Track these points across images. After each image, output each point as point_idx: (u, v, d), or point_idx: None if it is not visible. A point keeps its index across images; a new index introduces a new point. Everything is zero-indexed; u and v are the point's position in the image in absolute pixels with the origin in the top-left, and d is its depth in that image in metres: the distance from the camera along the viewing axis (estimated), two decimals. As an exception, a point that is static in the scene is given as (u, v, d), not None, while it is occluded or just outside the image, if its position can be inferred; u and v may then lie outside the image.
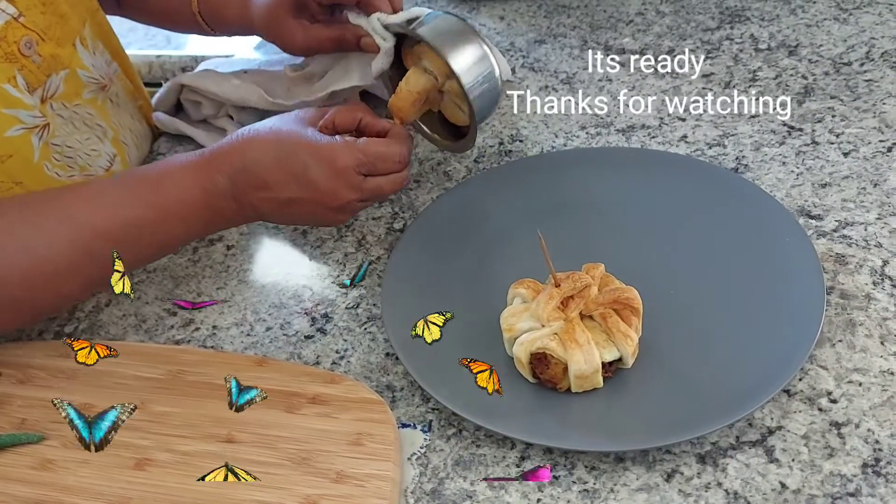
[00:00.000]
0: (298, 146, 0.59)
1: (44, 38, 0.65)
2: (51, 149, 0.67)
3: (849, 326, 0.57)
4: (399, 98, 0.65)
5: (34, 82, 0.65)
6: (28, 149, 0.64)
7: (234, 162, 0.59)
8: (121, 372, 0.59)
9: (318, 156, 0.59)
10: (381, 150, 0.61)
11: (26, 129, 0.64)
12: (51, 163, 0.67)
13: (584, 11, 0.99)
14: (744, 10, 0.94)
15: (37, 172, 0.65)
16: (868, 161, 0.70)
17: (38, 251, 0.55)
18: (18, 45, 0.63)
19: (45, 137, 0.66)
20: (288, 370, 0.57)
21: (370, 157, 0.60)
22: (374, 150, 0.60)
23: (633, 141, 0.77)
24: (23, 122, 0.64)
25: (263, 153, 0.59)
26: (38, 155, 0.65)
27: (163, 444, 0.53)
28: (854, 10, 0.90)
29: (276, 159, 0.59)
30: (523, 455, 0.52)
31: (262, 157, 0.59)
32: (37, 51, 0.65)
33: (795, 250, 0.60)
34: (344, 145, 0.59)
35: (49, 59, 0.66)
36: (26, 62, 0.64)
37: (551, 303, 0.53)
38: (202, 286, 0.69)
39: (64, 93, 0.69)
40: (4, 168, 0.63)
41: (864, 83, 0.79)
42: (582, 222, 0.67)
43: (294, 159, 0.59)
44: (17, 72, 0.63)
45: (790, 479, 0.49)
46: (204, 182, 0.59)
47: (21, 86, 0.64)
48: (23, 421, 0.56)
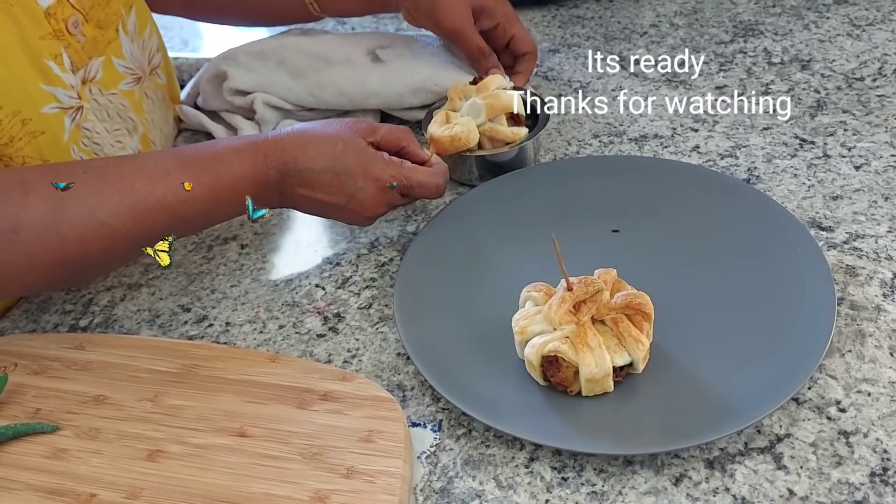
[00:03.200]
0: (354, 165, 0.63)
1: (87, 19, 0.67)
2: (81, 132, 0.68)
3: (858, 337, 0.57)
4: (442, 135, 0.71)
5: (78, 62, 0.67)
6: (59, 128, 0.66)
7: (289, 160, 0.62)
8: (134, 365, 0.59)
9: (370, 176, 0.63)
10: (423, 180, 0.65)
11: (61, 109, 0.65)
12: (78, 146, 0.68)
13: (598, 22, 1.00)
14: (757, 24, 0.95)
15: (63, 154, 0.66)
16: (880, 175, 0.70)
17: (98, 216, 0.57)
18: (66, 24, 0.65)
19: (78, 120, 0.67)
20: (300, 367, 0.58)
21: (412, 183, 0.65)
22: (418, 179, 0.65)
23: (645, 150, 0.77)
24: (59, 100, 0.65)
25: (320, 159, 0.63)
26: (67, 136, 0.66)
27: (175, 436, 0.53)
28: (867, 27, 0.91)
29: (331, 170, 0.62)
30: (532, 456, 0.53)
31: (317, 162, 0.62)
32: (81, 31, 0.67)
33: (807, 260, 0.60)
34: (392, 168, 0.64)
35: (91, 40, 0.68)
36: (72, 41, 0.65)
37: (563, 306, 0.54)
38: (216, 283, 0.70)
39: (102, 79, 0.70)
40: (36, 144, 0.64)
41: (876, 98, 0.79)
42: (593, 228, 0.67)
43: (347, 177, 0.63)
44: (64, 49, 0.65)
45: (798, 486, 0.49)
46: (256, 172, 0.62)
47: (66, 65, 0.66)
48: (37, 411, 0.56)
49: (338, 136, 0.64)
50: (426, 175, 0.66)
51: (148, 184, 0.59)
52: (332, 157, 0.63)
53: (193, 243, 0.74)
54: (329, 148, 0.63)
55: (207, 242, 0.74)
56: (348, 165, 0.63)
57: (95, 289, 0.71)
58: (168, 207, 0.59)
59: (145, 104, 0.77)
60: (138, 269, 0.72)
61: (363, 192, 0.63)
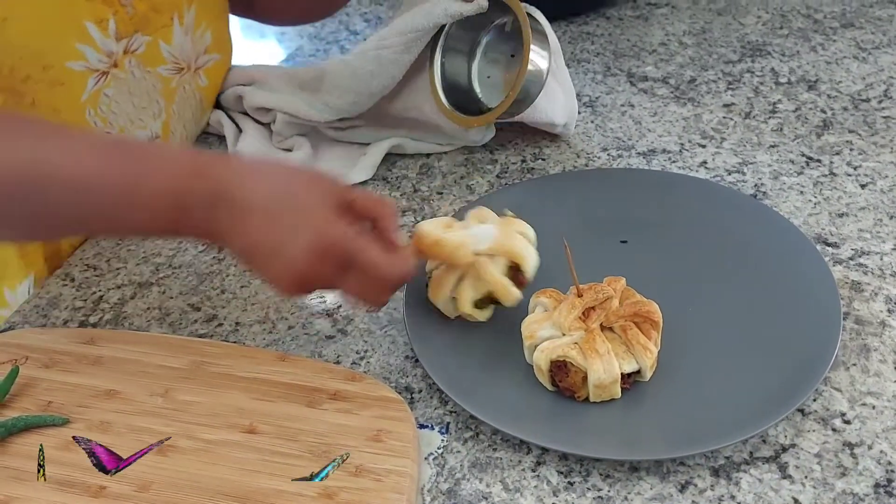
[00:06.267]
0: (302, 205, 0.52)
1: None
2: (101, 98, 0.70)
3: (863, 351, 0.58)
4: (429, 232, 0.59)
5: (123, 32, 0.69)
6: (80, 86, 0.67)
7: (230, 179, 0.52)
8: (145, 361, 0.60)
9: (313, 225, 0.52)
10: (376, 261, 0.52)
11: (88, 69, 0.67)
12: (95, 110, 0.69)
13: (607, 39, 1.01)
14: (765, 45, 0.96)
15: (77, 112, 0.68)
16: (885, 194, 0.71)
17: None
18: None
19: (101, 85, 0.69)
20: (309, 366, 0.58)
21: (360, 258, 0.52)
22: (369, 256, 0.52)
23: (653, 164, 0.78)
24: (88, 60, 0.67)
25: (264, 190, 0.52)
26: (86, 96, 0.68)
27: (185, 431, 0.54)
28: (873, 50, 0.92)
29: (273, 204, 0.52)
30: (539, 460, 0.53)
31: (259, 193, 0.52)
32: (133, 3, 0.68)
33: (813, 275, 0.61)
34: (345, 232, 0.52)
35: (141, 16, 0.70)
36: (121, 10, 0.67)
37: (573, 312, 0.54)
38: (226, 283, 0.70)
39: (144, 54, 0.72)
40: (52, 92, 0.65)
41: (881, 119, 0.81)
42: (602, 239, 0.68)
43: (289, 215, 0.52)
44: (112, 16, 0.67)
45: (803, 495, 0.49)
46: (182, 183, 0.52)
47: (110, 31, 0.67)
48: (48, 403, 0.57)
49: (299, 175, 0.55)
50: (381, 258, 0.52)
51: (58, 151, 0.51)
52: (280, 191, 0.52)
53: (204, 244, 0.75)
54: (281, 182, 0.53)
55: (218, 243, 0.75)
56: (296, 204, 0.52)
57: (106, 286, 0.71)
58: (62, 181, 0.51)
59: (178, 95, 0.79)
60: (149, 268, 0.73)
61: (297, 244, 0.51)
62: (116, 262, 0.74)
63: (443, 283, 0.60)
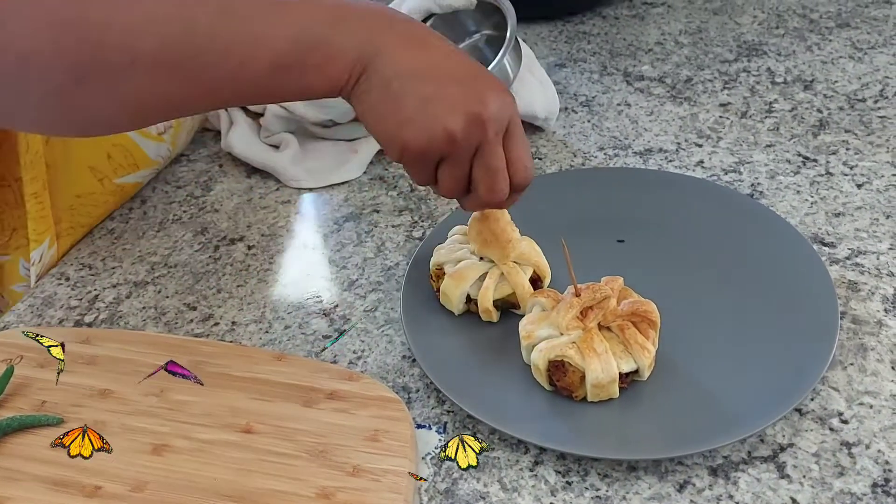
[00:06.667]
0: (483, 75, 0.51)
1: None
2: None
3: (860, 351, 0.58)
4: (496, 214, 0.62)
5: None
6: None
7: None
8: (140, 360, 0.59)
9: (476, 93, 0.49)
10: (525, 158, 0.53)
11: None
12: None
13: (603, 38, 1.01)
14: (761, 44, 0.96)
15: None
16: (881, 193, 0.71)
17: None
18: None
19: None
20: (306, 366, 0.58)
21: (518, 132, 0.52)
22: (522, 134, 0.53)
23: (650, 164, 0.78)
24: None
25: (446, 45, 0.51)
26: None
27: (181, 431, 0.53)
28: (869, 50, 0.92)
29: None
30: (537, 460, 0.53)
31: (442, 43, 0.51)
32: None
33: (810, 274, 0.61)
34: (508, 106, 0.51)
35: None
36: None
37: (571, 311, 0.54)
38: (222, 283, 0.70)
39: None
40: None
41: (877, 119, 0.81)
42: (599, 238, 0.68)
43: (466, 68, 0.50)
44: None
45: (801, 494, 0.49)
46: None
47: None
48: (42, 403, 0.56)
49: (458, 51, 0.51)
50: (529, 157, 0.53)
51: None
52: (464, 57, 0.51)
53: (200, 243, 0.75)
54: (467, 59, 0.51)
55: (214, 243, 0.75)
56: (476, 71, 0.50)
57: (101, 285, 0.71)
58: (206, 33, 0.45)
59: None
60: (144, 267, 0.72)
61: (458, 99, 0.48)
62: (112, 262, 0.73)
63: (466, 276, 0.61)
